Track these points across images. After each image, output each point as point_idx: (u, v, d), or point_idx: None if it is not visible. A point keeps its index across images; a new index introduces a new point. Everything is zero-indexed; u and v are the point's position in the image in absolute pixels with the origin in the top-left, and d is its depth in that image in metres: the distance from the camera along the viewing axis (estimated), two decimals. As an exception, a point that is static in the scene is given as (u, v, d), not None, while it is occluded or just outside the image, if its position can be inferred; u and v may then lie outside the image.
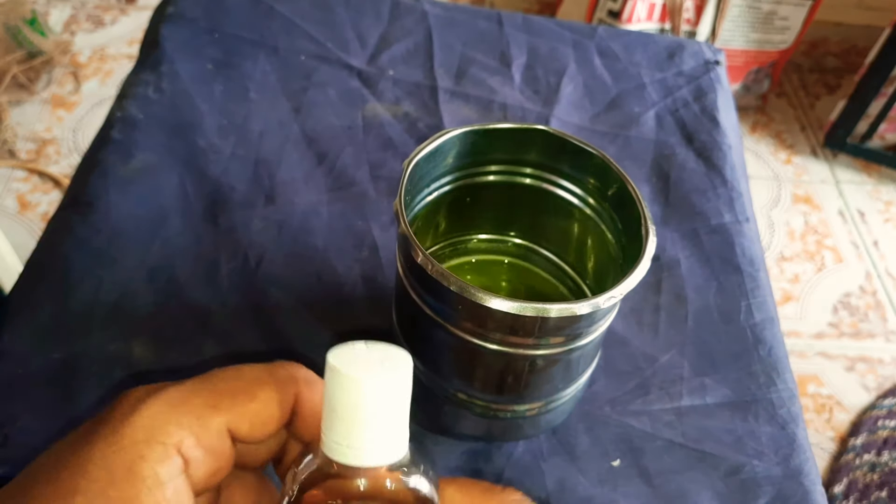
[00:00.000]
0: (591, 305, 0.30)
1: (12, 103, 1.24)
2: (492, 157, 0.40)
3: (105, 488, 0.18)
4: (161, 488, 0.19)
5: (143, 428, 0.19)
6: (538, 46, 0.65)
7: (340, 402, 0.20)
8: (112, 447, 0.19)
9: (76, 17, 1.42)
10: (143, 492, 0.19)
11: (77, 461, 0.19)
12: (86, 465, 0.19)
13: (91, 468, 0.19)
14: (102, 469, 0.19)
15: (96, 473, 0.19)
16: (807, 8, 1.27)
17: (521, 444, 0.41)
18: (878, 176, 1.34)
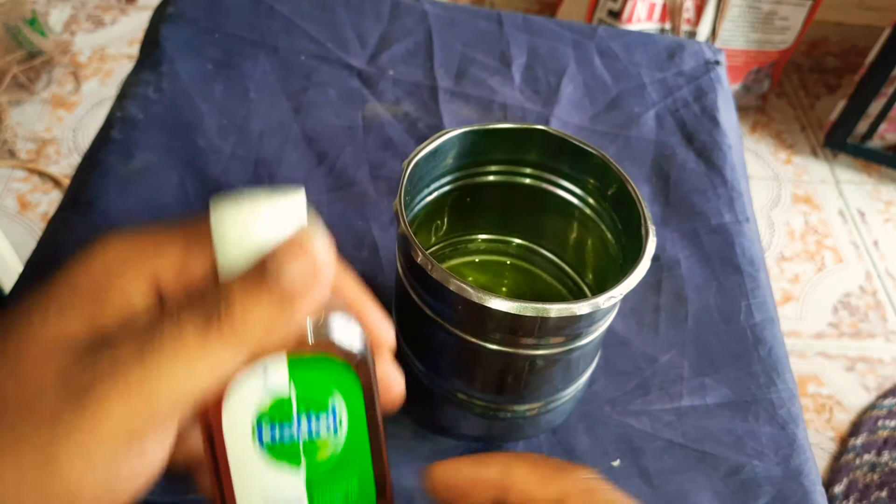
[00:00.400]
0: (591, 305, 0.30)
1: (12, 103, 1.24)
2: (492, 157, 0.40)
3: (67, 298, 0.20)
4: (129, 307, 0.20)
5: (115, 252, 0.21)
6: (538, 46, 0.65)
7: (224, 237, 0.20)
8: (80, 269, 0.21)
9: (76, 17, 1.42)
10: (106, 304, 0.20)
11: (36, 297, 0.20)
12: (52, 284, 0.20)
13: (56, 285, 0.20)
14: (66, 284, 0.20)
15: (58, 289, 0.20)
16: (807, 8, 1.27)
17: (521, 445, 0.41)
18: (878, 176, 1.34)
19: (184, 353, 0.19)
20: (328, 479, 0.22)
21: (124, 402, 0.18)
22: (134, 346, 0.19)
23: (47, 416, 0.18)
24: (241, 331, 0.19)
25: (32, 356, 0.19)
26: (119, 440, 0.18)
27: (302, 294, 0.20)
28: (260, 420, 0.21)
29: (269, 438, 0.21)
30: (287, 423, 0.21)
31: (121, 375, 0.18)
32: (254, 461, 0.21)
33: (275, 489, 0.22)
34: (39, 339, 0.19)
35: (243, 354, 0.20)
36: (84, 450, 0.18)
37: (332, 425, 0.22)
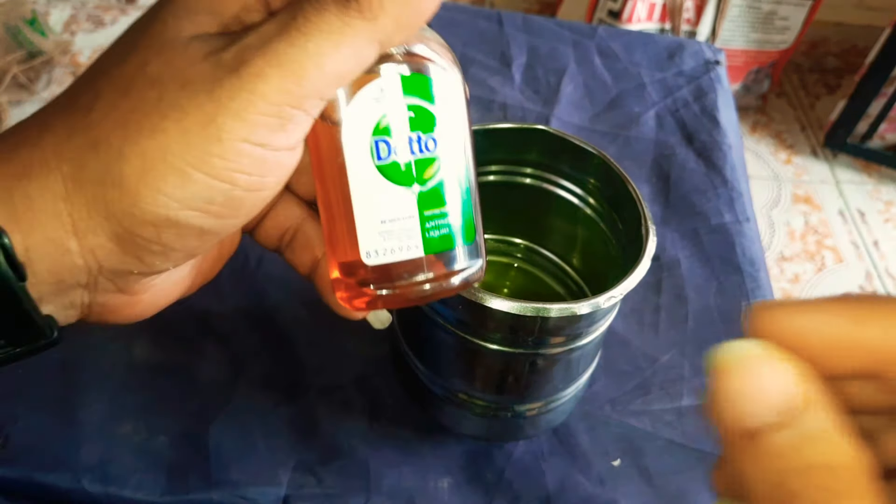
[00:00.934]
0: (591, 305, 0.30)
1: (12, 103, 1.24)
2: (492, 157, 0.40)
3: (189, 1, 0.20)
4: (245, 9, 0.21)
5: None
6: (538, 46, 0.65)
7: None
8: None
9: (76, 17, 1.42)
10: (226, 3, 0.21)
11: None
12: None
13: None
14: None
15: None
16: (807, 8, 1.27)
17: (521, 444, 0.42)
18: (878, 176, 1.34)
19: (328, 33, 0.19)
20: (434, 202, 0.23)
21: (276, 74, 0.19)
22: (278, 26, 0.19)
23: (204, 87, 0.19)
24: (379, 17, 0.20)
25: (177, 43, 0.20)
26: (272, 113, 0.19)
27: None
28: (377, 137, 0.22)
29: (386, 155, 0.22)
30: (401, 141, 0.22)
31: (270, 51, 0.19)
32: (373, 178, 0.22)
33: (392, 207, 0.23)
34: (178, 32, 0.20)
35: (377, 43, 0.20)
36: (241, 116, 0.19)
37: (438, 146, 0.23)
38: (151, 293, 0.23)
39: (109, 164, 0.19)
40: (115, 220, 0.19)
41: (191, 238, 0.20)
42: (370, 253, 0.23)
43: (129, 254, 0.20)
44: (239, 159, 0.19)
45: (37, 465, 0.37)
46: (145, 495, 0.37)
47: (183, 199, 0.19)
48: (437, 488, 0.39)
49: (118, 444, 0.39)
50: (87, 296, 0.21)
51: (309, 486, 0.38)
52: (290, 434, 0.40)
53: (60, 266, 0.19)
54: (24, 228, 0.19)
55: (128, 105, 0.19)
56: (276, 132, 0.20)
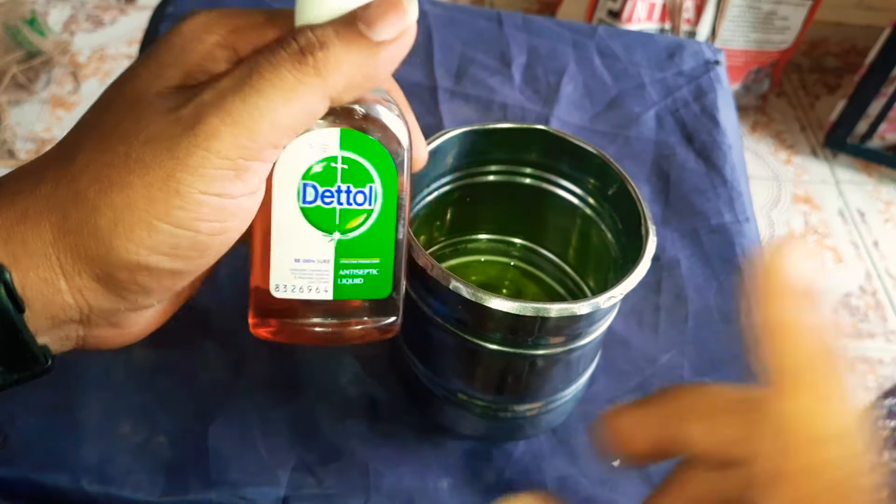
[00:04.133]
0: (591, 305, 0.30)
1: (12, 103, 1.24)
2: (492, 157, 0.40)
3: (162, 57, 0.22)
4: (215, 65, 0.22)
5: (195, 22, 0.23)
6: (538, 46, 0.65)
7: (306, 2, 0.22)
8: (171, 36, 0.23)
9: (76, 17, 1.42)
10: (196, 61, 0.22)
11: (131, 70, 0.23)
12: (149, 50, 0.23)
13: (152, 50, 0.23)
14: (161, 47, 0.23)
15: (155, 52, 0.23)
16: (807, 8, 1.27)
17: (521, 444, 0.41)
18: (878, 176, 1.34)
19: (281, 89, 0.21)
20: (354, 252, 0.25)
21: (229, 132, 0.20)
22: (233, 82, 0.21)
23: (164, 144, 0.21)
24: (333, 72, 0.21)
25: (144, 100, 0.22)
26: (227, 167, 0.21)
27: (390, 45, 0.22)
28: (306, 181, 0.23)
29: (312, 199, 0.24)
30: (329, 189, 0.24)
31: (224, 109, 0.20)
32: (295, 220, 0.24)
33: (307, 248, 0.24)
34: (147, 88, 0.22)
35: (328, 98, 0.22)
36: (199, 170, 0.20)
37: (368, 201, 0.24)
38: (139, 324, 0.25)
39: (87, 216, 0.21)
40: (94, 264, 0.21)
41: (164, 279, 0.22)
42: (279, 286, 0.25)
43: (112, 293, 0.22)
44: (199, 209, 0.21)
45: (36, 465, 0.37)
46: (144, 495, 0.37)
47: (151, 247, 0.21)
48: (436, 488, 0.39)
49: (117, 444, 0.39)
50: (81, 330, 0.23)
51: (308, 487, 0.38)
52: (289, 434, 0.40)
53: (53, 303, 0.22)
54: (22, 268, 0.21)
55: (102, 159, 0.21)
56: (233, 182, 0.21)
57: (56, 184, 0.21)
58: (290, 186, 0.23)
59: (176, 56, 0.22)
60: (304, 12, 0.22)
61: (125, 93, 0.22)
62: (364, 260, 0.25)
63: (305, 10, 0.22)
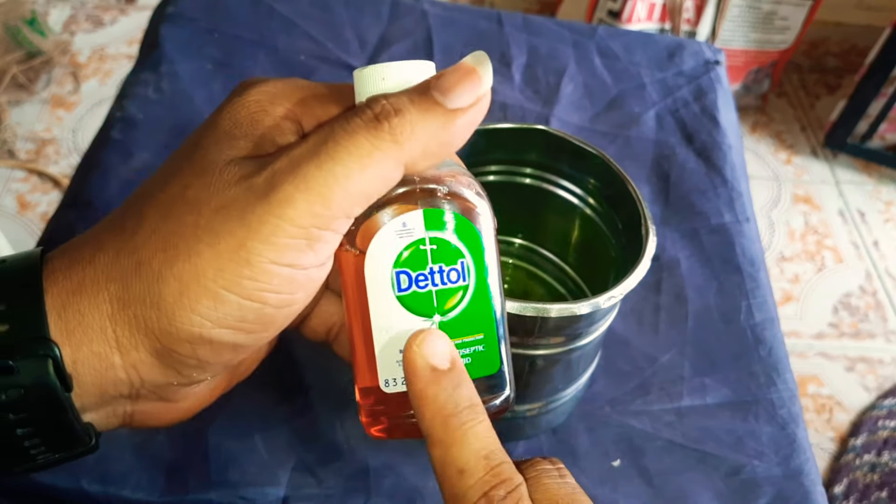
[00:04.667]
0: (591, 305, 0.30)
1: (12, 103, 1.24)
2: (492, 156, 0.40)
3: (230, 129, 0.22)
4: (283, 137, 0.22)
5: (262, 93, 0.23)
6: (538, 46, 0.65)
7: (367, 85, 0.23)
8: (236, 106, 0.23)
9: (76, 17, 1.42)
10: (266, 132, 0.22)
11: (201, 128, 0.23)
12: (214, 119, 0.23)
13: (217, 120, 0.22)
14: (227, 118, 0.22)
15: (221, 122, 0.22)
16: (807, 8, 1.27)
17: (521, 444, 0.41)
18: (878, 176, 1.34)
19: (356, 155, 0.20)
20: (457, 332, 0.24)
21: (304, 198, 0.20)
22: (308, 149, 0.20)
23: (236, 212, 0.20)
24: (409, 139, 0.21)
25: (214, 169, 0.21)
26: (299, 236, 0.20)
27: (465, 112, 0.22)
28: (398, 269, 0.23)
29: (407, 286, 0.23)
30: (422, 272, 0.23)
31: (300, 176, 0.20)
32: (393, 310, 0.23)
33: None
34: (216, 157, 0.21)
35: (403, 166, 0.21)
36: (270, 241, 0.20)
37: (462, 277, 0.24)
38: (190, 399, 0.24)
39: (150, 286, 0.20)
40: (154, 337, 0.20)
41: (225, 353, 0.22)
42: (388, 382, 0.24)
43: (168, 367, 0.21)
44: (269, 280, 0.20)
45: (36, 466, 0.37)
46: (144, 495, 0.37)
47: (216, 319, 0.20)
48: (436, 489, 0.39)
49: (117, 444, 0.39)
50: (129, 405, 0.23)
51: (308, 487, 0.38)
52: (289, 434, 0.40)
53: (104, 379, 0.21)
54: (75, 342, 0.20)
55: (168, 228, 0.20)
56: (305, 252, 0.21)
57: (116, 254, 0.21)
58: (384, 278, 0.23)
59: (244, 128, 0.22)
60: (365, 91, 0.22)
61: (193, 161, 0.22)
62: (469, 338, 0.24)
63: (367, 88, 0.22)
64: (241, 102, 0.22)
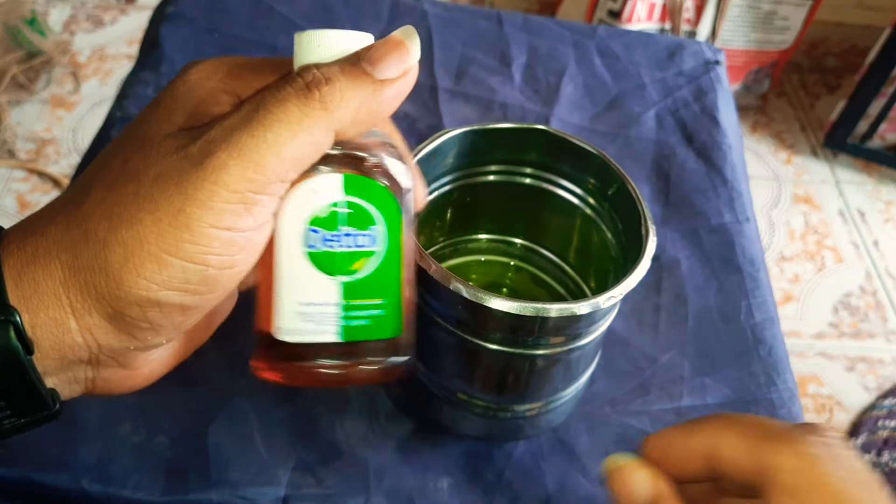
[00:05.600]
0: (591, 305, 0.30)
1: (12, 103, 1.24)
2: (492, 156, 0.40)
3: (170, 104, 0.23)
4: (220, 108, 0.23)
5: (200, 70, 0.24)
6: (538, 46, 0.65)
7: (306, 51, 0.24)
8: (176, 84, 0.24)
9: (76, 17, 1.42)
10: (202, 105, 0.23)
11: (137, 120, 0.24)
12: (157, 98, 0.24)
13: (159, 98, 0.24)
14: (167, 95, 0.23)
15: (162, 99, 0.24)
16: (807, 8, 1.27)
17: (521, 444, 0.41)
18: (879, 176, 1.34)
19: (287, 123, 0.21)
20: (359, 294, 0.25)
21: (237, 165, 0.21)
22: (240, 118, 0.22)
23: (173, 180, 0.21)
24: (338, 108, 0.22)
25: (152, 142, 0.22)
26: (235, 200, 0.21)
27: (393, 83, 0.23)
28: (310, 227, 0.24)
29: (317, 244, 0.24)
30: (334, 234, 0.24)
31: (232, 143, 0.21)
32: (299, 264, 0.24)
33: (313, 293, 0.24)
34: (155, 131, 0.23)
35: (333, 132, 0.22)
36: (207, 205, 0.21)
37: (372, 244, 0.24)
38: (150, 365, 0.25)
39: (97, 253, 0.21)
40: (104, 301, 0.22)
41: (174, 314, 0.23)
42: (285, 330, 0.24)
43: (122, 331, 0.22)
44: (209, 243, 0.21)
45: (36, 465, 0.37)
46: (144, 495, 0.37)
47: (161, 282, 0.21)
48: (436, 488, 0.39)
49: (117, 445, 0.39)
50: (90, 371, 0.23)
51: (308, 487, 0.38)
52: (289, 434, 0.40)
53: (62, 343, 0.22)
54: (32, 308, 0.21)
55: (112, 198, 0.22)
56: (243, 216, 0.22)
57: (66, 225, 0.22)
58: (295, 232, 0.24)
59: (180, 101, 0.23)
60: (302, 57, 0.23)
61: (134, 137, 0.23)
62: (370, 301, 0.25)
63: (304, 54, 0.23)
64: (180, 80, 0.24)
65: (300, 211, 0.24)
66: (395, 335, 0.26)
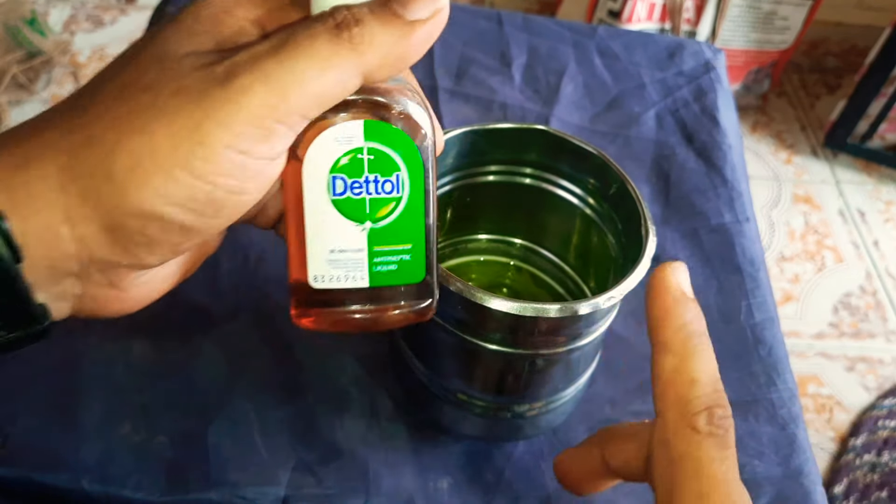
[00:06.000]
0: (592, 305, 0.30)
1: (12, 103, 1.24)
2: (492, 156, 0.40)
3: (191, 24, 0.22)
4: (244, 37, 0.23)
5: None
6: (538, 46, 0.65)
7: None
8: (199, 5, 0.23)
9: (76, 17, 1.42)
10: (227, 31, 0.23)
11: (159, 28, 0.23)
12: (177, 17, 0.23)
13: (180, 17, 0.23)
14: (189, 15, 0.23)
15: (183, 18, 0.23)
16: (807, 8, 1.27)
17: (521, 444, 0.41)
18: (879, 176, 1.34)
19: (316, 58, 0.21)
20: (386, 239, 0.25)
21: (262, 90, 0.21)
22: (269, 46, 0.21)
23: (193, 96, 0.21)
24: (367, 50, 0.22)
25: (173, 57, 0.22)
26: (255, 124, 0.21)
27: (423, 25, 0.23)
28: (334, 174, 0.24)
29: (342, 191, 0.24)
30: (357, 180, 0.24)
31: (259, 68, 0.21)
32: (327, 212, 0.25)
33: (341, 239, 0.25)
34: (177, 48, 0.22)
35: (361, 75, 0.22)
36: (226, 124, 0.20)
37: (396, 189, 0.25)
38: (139, 289, 0.24)
39: (101, 159, 0.20)
40: (104, 210, 0.21)
41: (173, 233, 0.22)
42: (317, 277, 0.25)
43: (116, 244, 0.21)
44: (221, 163, 0.21)
45: (36, 465, 0.37)
46: (144, 495, 0.37)
47: (166, 196, 0.21)
48: (436, 489, 0.39)
49: (117, 444, 0.39)
50: (78, 286, 0.22)
51: (308, 487, 0.38)
52: (289, 434, 0.40)
53: (54, 251, 0.21)
54: (22, 214, 0.20)
55: (123, 108, 0.21)
56: (259, 142, 0.21)
57: (66, 130, 0.21)
58: (320, 180, 0.24)
59: (207, 25, 0.23)
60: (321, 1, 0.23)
61: (151, 50, 0.22)
62: (396, 247, 0.25)
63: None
64: (204, 3, 0.23)
65: (324, 160, 0.24)
66: (420, 280, 0.26)
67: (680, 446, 0.23)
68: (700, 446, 0.23)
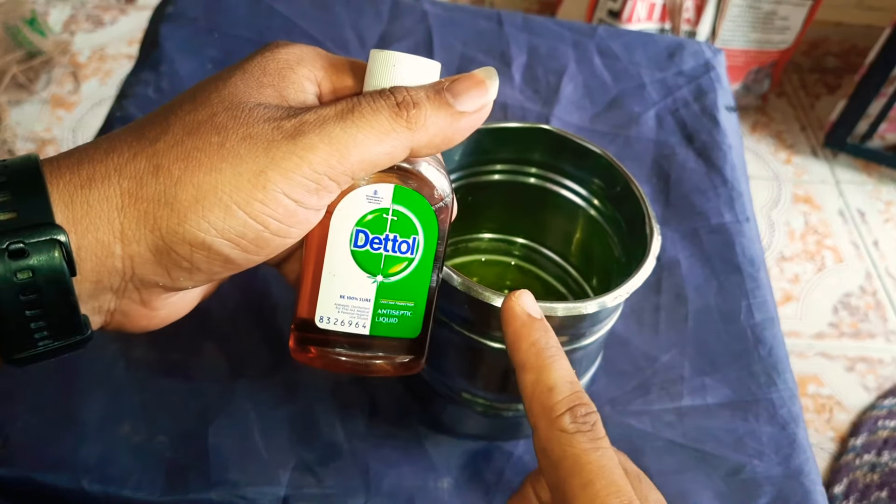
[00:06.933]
0: (598, 305, 0.30)
1: (12, 103, 1.23)
2: (496, 156, 0.40)
3: (259, 77, 0.25)
4: (304, 94, 0.25)
5: (291, 53, 0.26)
6: (538, 46, 0.65)
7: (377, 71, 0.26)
8: (266, 58, 0.26)
9: (76, 17, 1.42)
10: (290, 86, 0.25)
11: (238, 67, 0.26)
12: (244, 66, 0.26)
13: (248, 67, 0.26)
14: (257, 67, 0.25)
15: (251, 69, 0.25)
16: (807, 8, 1.27)
17: (521, 444, 0.41)
18: (879, 176, 1.34)
19: (377, 129, 0.24)
20: (392, 294, 0.27)
21: (325, 149, 0.23)
22: (336, 112, 0.24)
23: (261, 144, 0.23)
24: (420, 129, 0.24)
25: (244, 105, 0.24)
26: (312, 178, 0.23)
27: (470, 116, 0.25)
28: (359, 228, 0.26)
29: (363, 244, 0.27)
30: (378, 236, 0.27)
31: (325, 130, 0.23)
32: (345, 260, 0.27)
33: (352, 287, 0.27)
34: (247, 96, 0.24)
35: (409, 149, 0.25)
36: (288, 174, 0.23)
37: (410, 250, 0.27)
38: (167, 308, 0.26)
39: (167, 188, 0.22)
40: (158, 233, 0.23)
41: (216, 263, 0.24)
42: (323, 318, 0.27)
43: (160, 265, 0.23)
44: (276, 208, 0.23)
45: (36, 465, 0.37)
46: (144, 495, 0.37)
47: (221, 229, 0.23)
48: (437, 488, 0.39)
49: (117, 445, 0.39)
50: (114, 301, 0.24)
51: (308, 486, 0.38)
52: (289, 434, 0.40)
53: (102, 266, 0.23)
54: (80, 230, 0.22)
55: (192, 144, 0.23)
56: (311, 194, 0.24)
57: (133, 156, 0.23)
58: (345, 231, 0.26)
59: (273, 79, 0.25)
60: (377, 66, 0.26)
61: (223, 94, 0.24)
62: (400, 302, 0.28)
63: (379, 65, 0.25)
64: (271, 56, 0.26)
65: (352, 213, 0.26)
66: (415, 336, 0.28)
67: (556, 450, 0.25)
68: (572, 443, 0.25)
